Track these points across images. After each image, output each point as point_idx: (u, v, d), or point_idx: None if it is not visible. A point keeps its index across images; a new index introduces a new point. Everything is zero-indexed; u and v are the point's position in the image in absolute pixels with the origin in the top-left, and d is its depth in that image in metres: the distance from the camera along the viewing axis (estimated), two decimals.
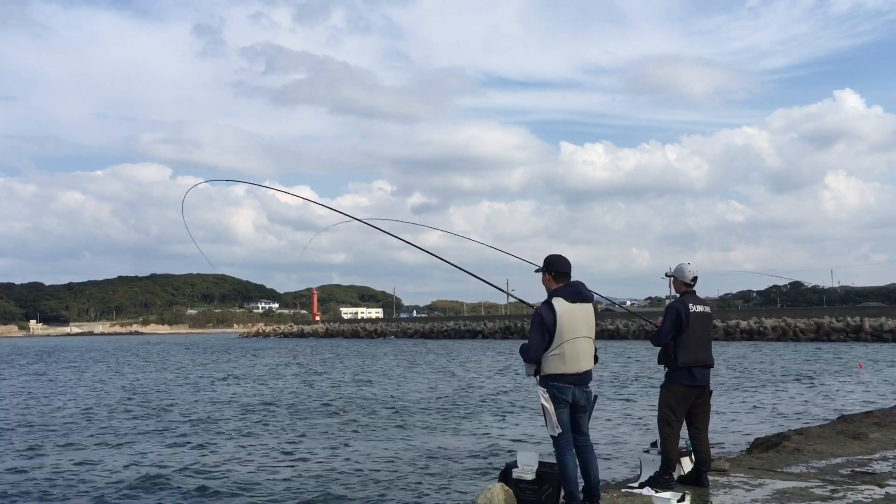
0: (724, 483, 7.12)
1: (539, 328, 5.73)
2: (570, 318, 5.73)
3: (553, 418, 5.74)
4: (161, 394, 25.70)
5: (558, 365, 5.74)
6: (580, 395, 5.86)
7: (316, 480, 11.24)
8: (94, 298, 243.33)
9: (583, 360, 5.82)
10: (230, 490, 10.76)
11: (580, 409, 5.89)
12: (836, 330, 60.23)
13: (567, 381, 5.77)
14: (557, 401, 5.76)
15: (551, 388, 5.76)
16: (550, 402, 5.75)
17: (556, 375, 5.75)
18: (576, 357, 5.77)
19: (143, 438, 15.65)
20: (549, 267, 5.98)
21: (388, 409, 19.98)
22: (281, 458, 13.15)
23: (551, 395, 5.76)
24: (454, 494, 10.13)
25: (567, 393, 5.78)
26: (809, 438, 9.82)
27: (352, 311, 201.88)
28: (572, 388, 5.79)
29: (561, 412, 5.77)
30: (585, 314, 5.84)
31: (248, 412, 19.78)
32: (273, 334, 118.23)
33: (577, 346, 5.76)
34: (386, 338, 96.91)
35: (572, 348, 5.74)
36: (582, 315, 5.81)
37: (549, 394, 5.76)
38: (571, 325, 5.73)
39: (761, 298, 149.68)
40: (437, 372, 34.10)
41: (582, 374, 5.83)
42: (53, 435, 16.29)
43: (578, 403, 5.86)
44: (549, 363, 5.75)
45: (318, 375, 33.49)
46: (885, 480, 7.26)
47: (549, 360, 5.75)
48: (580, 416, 5.92)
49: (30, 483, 11.57)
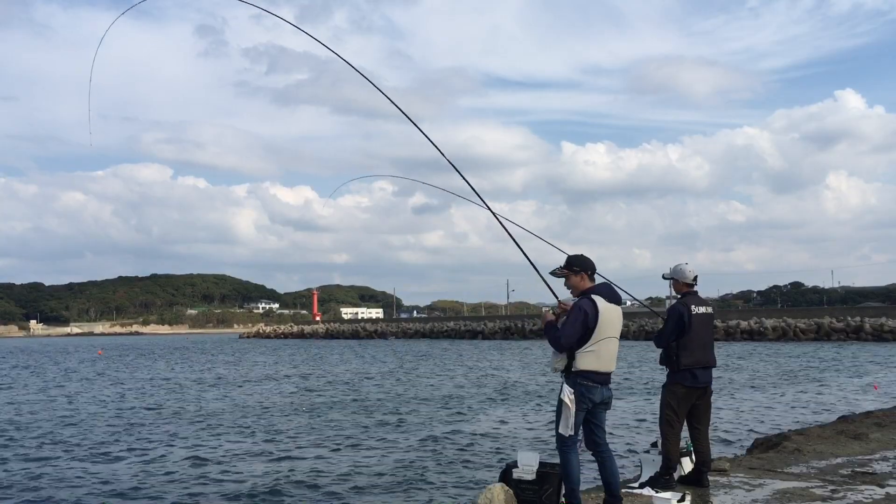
0: (725, 483, 7.12)
1: (581, 322, 5.69)
2: (608, 317, 5.76)
3: (571, 419, 5.72)
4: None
5: (592, 362, 5.74)
6: (607, 393, 5.91)
7: (314, 480, 11.23)
8: (94, 298, 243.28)
9: (612, 360, 5.88)
10: (229, 490, 10.75)
11: (604, 405, 5.92)
12: (836, 330, 60.22)
13: (597, 380, 5.78)
14: (581, 401, 5.74)
15: (579, 387, 5.73)
16: (574, 402, 5.73)
17: (588, 373, 5.73)
18: (609, 356, 5.82)
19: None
20: (584, 266, 5.98)
21: (389, 408, 19.98)
22: (276, 457, 13.14)
23: (578, 394, 5.73)
24: (454, 494, 10.12)
25: (595, 392, 5.78)
26: (809, 438, 9.82)
27: (352, 311, 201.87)
28: (600, 388, 5.81)
29: (580, 413, 5.76)
30: (618, 315, 5.90)
31: (244, 411, 19.79)
32: (273, 335, 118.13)
33: (610, 345, 5.81)
34: (386, 338, 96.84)
35: (606, 347, 5.78)
36: (616, 316, 5.87)
37: (576, 393, 5.73)
38: (608, 325, 5.77)
39: (761, 298, 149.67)
40: (439, 372, 34.10)
41: (610, 373, 5.90)
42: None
43: (604, 401, 5.89)
44: (583, 359, 5.72)
45: (315, 375, 33.52)
46: (885, 480, 7.26)
47: (584, 356, 5.72)
48: (602, 412, 5.94)
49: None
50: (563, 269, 6.04)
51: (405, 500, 10.07)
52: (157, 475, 11.85)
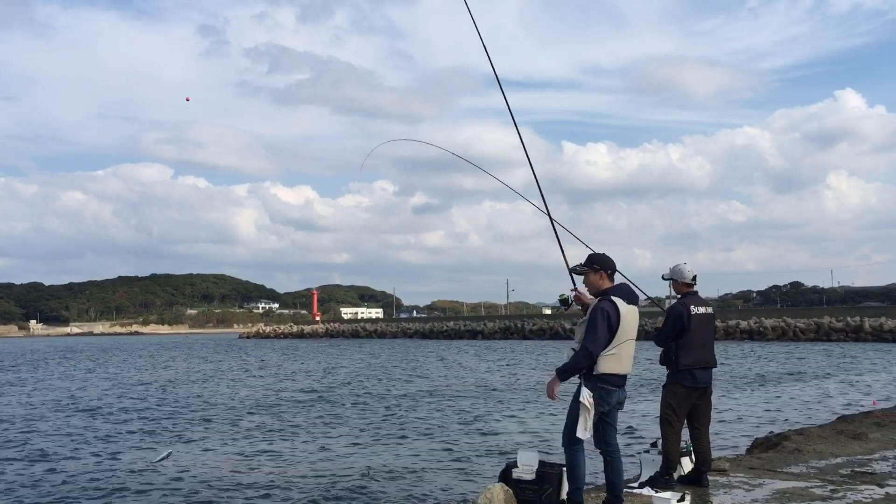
0: (724, 483, 7.12)
1: (605, 325, 5.68)
2: (627, 319, 5.77)
3: (589, 422, 5.69)
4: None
5: (613, 365, 5.74)
6: (623, 395, 5.92)
7: (312, 480, 11.22)
8: (94, 298, 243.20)
9: (631, 362, 5.90)
10: (228, 490, 10.74)
11: (619, 405, 5.93)
12: (836, 330, 60.20)
13: (616, 383, 5.78)
14: (599, 403, 5.72)
15: (598, 390, 5.71)
16: (594, 405, 5.72)
17: (608, 376, 5.72)
18: (628, 358, 5.84)
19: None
20: (604, 265, 5.99)
21: (388, 408, 19.99)
22: (274, 456, 13.13)
23: (597, 397, 5.71)
24: (454, 494, 10.12)
25: (613, 396, 5.78)
26: (809, 438, 9.82)
27: (352, 311, 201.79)
28: (618, 391, 5.81)
29: (595, 415, 5.73)
30: (635, 317, 5.90)
31: (245, 409, 19.79)
32: (273, 335, 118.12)
33: (629, 347, 5.83)
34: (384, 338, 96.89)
35: (626, 350, 5.79)
36: (634, 318, 5.88)
37: (595, 396, 5.70)
38: (627, 327, 5.77)
39: (761, 298, 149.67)
40: (439, 372, 34.10)
41: (627, 375, 5.90)
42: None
43: (620, 402, 5.90)
44: (604, 362, 5.71)
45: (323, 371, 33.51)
46: (885, 480, 7.26)
47: (606, 359, 5.71)
48: (616, 413, 5.94)
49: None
50: (584, 266, 6.06)
51: (405, 500, 10.06)
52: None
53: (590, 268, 6.02)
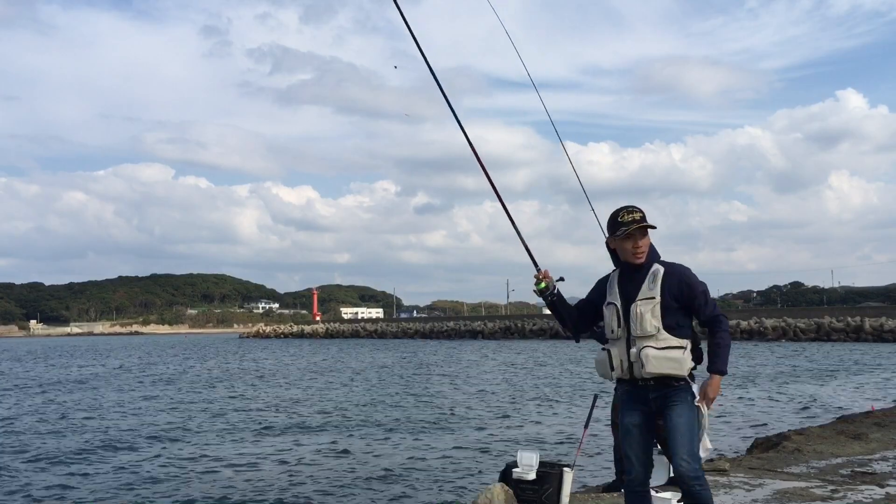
0: (724, 483, 7.11)
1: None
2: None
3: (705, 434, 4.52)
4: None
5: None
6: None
7: (311, 480, 11.22)
8: (94, 298, 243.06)
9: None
10: (227, 489, 10.75)
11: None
12: (836, 330, 60.16)
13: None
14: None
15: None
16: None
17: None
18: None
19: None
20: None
21: (387, 408, 19.98)
22: (275, 457, 13.14)
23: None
24: (454, 494, 10.11)
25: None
26: (809, 438, 9.82)
27: (352, 311, 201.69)
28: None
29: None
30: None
31: (251, 413, 19.81)
32: (273, 334, 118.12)
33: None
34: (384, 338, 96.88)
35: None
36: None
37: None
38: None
39: (761, 298, 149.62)
40: (439, 372, 34.11)
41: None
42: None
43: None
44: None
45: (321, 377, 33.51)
46: (885, 480, 7.25)
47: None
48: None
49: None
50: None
51: (404, 500, 10.06)
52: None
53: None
